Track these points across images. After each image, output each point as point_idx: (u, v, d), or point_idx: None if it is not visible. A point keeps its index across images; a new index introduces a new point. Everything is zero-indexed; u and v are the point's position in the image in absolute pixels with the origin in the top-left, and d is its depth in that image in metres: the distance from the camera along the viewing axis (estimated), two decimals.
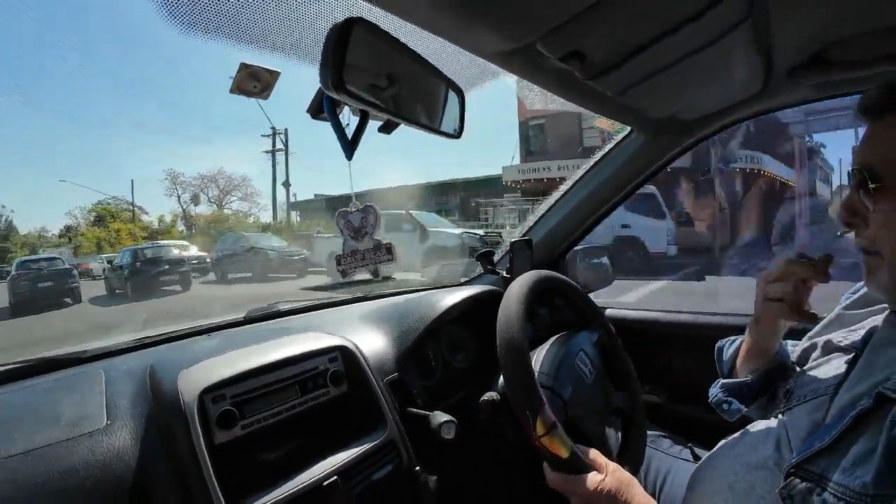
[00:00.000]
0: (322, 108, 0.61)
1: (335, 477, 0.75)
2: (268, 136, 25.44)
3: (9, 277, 11.28)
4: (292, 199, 27.57)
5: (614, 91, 0.82)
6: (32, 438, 0.68)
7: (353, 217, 0.80)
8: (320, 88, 0.61)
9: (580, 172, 1.32)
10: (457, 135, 0.65)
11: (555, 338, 0.94)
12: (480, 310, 1.16)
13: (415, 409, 0.92)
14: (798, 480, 0.53)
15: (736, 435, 0.75)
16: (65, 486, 0.63)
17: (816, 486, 0.51)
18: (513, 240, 1.28)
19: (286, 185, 25.13)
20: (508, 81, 0.80)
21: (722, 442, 0.77)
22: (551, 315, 1.12)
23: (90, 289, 12.58)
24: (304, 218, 26.03)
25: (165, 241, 16.22)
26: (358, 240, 0.82)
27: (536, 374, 0.78)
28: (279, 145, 25.35)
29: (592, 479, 0.67)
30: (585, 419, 0.82)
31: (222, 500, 0.66)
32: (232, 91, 0.61)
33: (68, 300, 10.48)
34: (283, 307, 1.29)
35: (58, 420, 0.72)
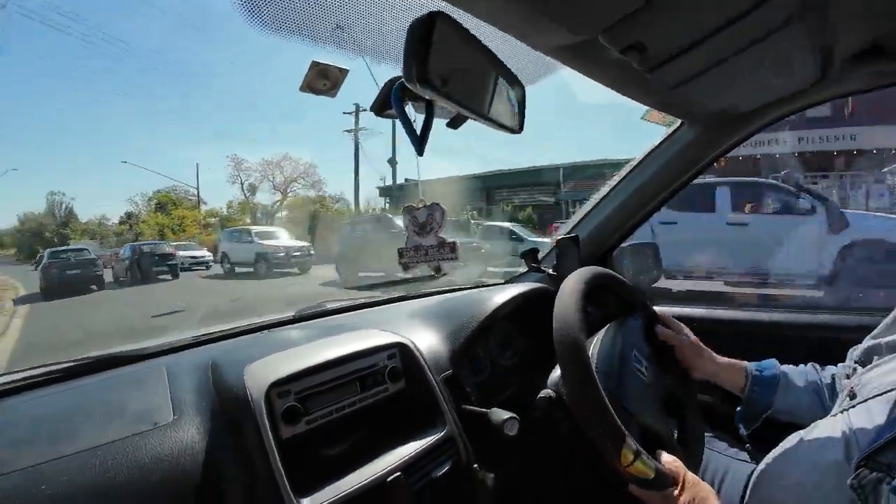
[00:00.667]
0: (387, 104, 0.62)
1: (398, 473, 0.76)
2: (350, 113, 22.26)
3: (40, 266, 12.65)
4: (380, 184, 25.35)
5: (670, 83, 0.81)
6: (101, 433, 0.70)
7: (420, 213, 0.81)
8: (386, 84, 0.63)
9: (627, 167, 1.30)
10: (518, 129, 0.66)
11: (605, 335, 0.92)
12: (529, 307, 1.16)
13: (471, 407, 0.92)
14: (867, 471, 0.55)
15: (799, 433, 0.75)
16: (135, 480, 0.64)
17: (886, 476, 0.53)
18: (559, 237, 1.28)
19: (392, 162, 21.20)
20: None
21: (785, 441, 0.77)
22: (600, 311, 1.10)
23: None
24: (394, 204, 23.35)
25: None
26: (422, 236, 0.83)
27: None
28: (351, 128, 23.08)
29: (673, 492, 0.68)
30: (654, 424, 0.81)
31: (291, 494, 0.67)
32: (302, 89, 0.63)
33: (94, 287, 11.51)
34: (331, 305, 1.32)
35: (125, 415, 0.74)
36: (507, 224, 12.76)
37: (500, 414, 0.86)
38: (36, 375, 0.89)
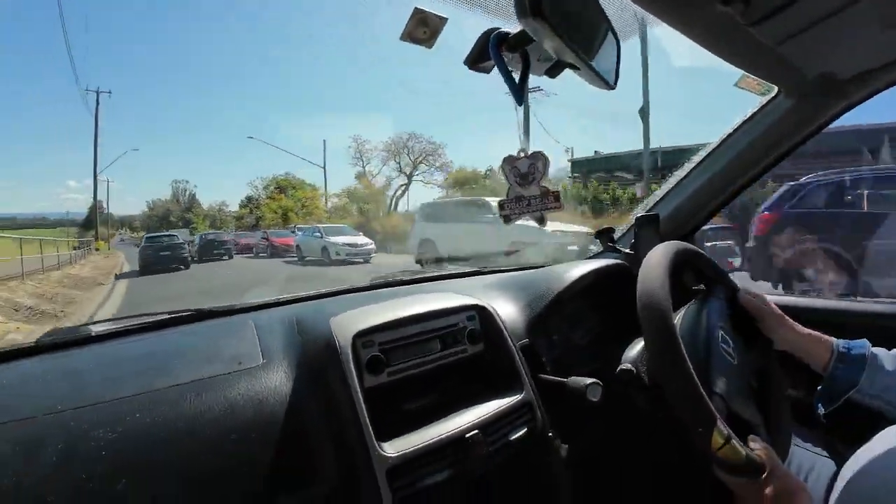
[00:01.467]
0: (482, 57, 0.62)
1: (477, 431, 0.77)
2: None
3: (139, 247, 15.46)
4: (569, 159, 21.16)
5: (773, 40, 0.77)
6: (199, 370, 0.75)
7: (521, 163, 0.82)
8: (482, 36, 0.62)
9: (715, 141, 1.23)
10: (613, 85, 0.64)
11: (687, 313, 0.89)
12: (606, 283, 1.14)
13: (547, 376, 0.92)
14: None
15: (892, 428, 0.70)
16: (226, 414, 0.69)
17: None
18: (638, 214, 1.23)
19: (644, 113, 12.89)
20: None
21: (876, 437, 0.72)
22: (682, 288, 1.05)
23: None
24: (581, 180, 18.88)
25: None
26: (524, 186, 0.84)
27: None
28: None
29: (760, 481, 0.65)
30: (743, 410, 0.78)
31: (375, 440, 0.70)
32: (402, 38, 0.64)
33: (181, 266, 13.65)
34: (404, 277, 1.38)
35: (219, 357, 0.79)
36: None
37: (581, 380, 0.85)
38: (136, 324, 0.98)
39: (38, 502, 0.56)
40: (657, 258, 0.81)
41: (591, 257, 1.41)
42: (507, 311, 1.00)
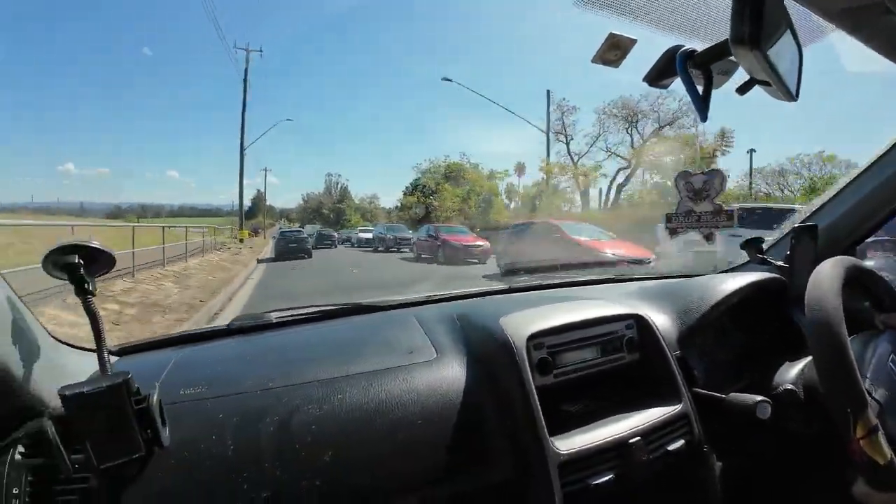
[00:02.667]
0: (663, 74, 0.64)
1: (638, 438, 0.78)
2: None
3: (275, 239, 18.97)
4: None
5: None
6: (381, 359, 0.83)
7: (696, 179, 0.83)
8: (665, 54, 0.64)
9: (883, 148, 1.13)
10: (795, 96, 0.62)
11: (857, 335, 0.84)
12: (758, 298, 1.08)
13: (702, 390, 0.90)
14: None
15: None
16: (411, 400, 0.75)
17: None
18: (795, 225, 1.16)
19: None
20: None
21: None
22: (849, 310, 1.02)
23: None
24: None
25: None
26: (696, 202, 0.86)
27: None
28: None
29: None
30: None
31: (548, 437, 0.74)
32: (594, 61, 0.69)
33: (305, 256, 16.30)
34: (544, 282, 1.40)
35: (393, 349, 0.86)
36: None
37: (747, 397, 0.83)
38: (308, 313, 1.08)
39: (256, 464, 0.66)
40: (829, 271, 0.78)
41: (735, 268, 1.34)
42: (658, 321, 0.98)
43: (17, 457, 0.62)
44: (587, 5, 0.69)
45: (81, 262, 0.61)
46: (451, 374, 0.81)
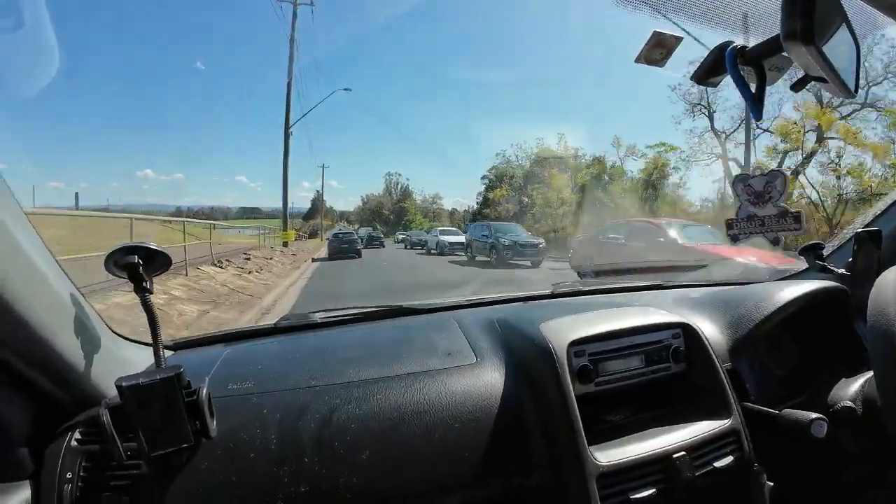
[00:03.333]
0: (712, 72, 0.61)
1: (683, 453, 0.75)
2: None
3: (328, 241, 20.94)
4: None
5: None
6: (421, 361, 0.83)
7: (756, 181, 0.79)
8: (714, 51, 0.61)
9: None
10: (854, 92, 0.59)
11: None
12: (818, 308, 1.01)
13: (753, 405, 0.86)
14: None
15: None
16: (450, 403, 0.75)
17: None
18: (858, 230, 1.09)
19: None
20: None
21: None
22: None
23: None
24: None
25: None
26: (758, 205, 0.81)
27: None
28: None
29: None
30: None
31: (588, 447, 0.72)
32: (637, 60, 0.68)
33: (355, 255, 17.41)
34: (586, 287, 1.38)
35: (432, 352, 0.86)
36: None
37: (801, 414, 0.79)
38: (351, 314, 1.11)
39: (297, 459, 0.68)
40: (894, 282, 0.71)
41: (793, 276, 1.27)
42: (708, 330, 0.94)
43: (74, 443, 0.66)
44: (628, 5, 0.67)
45: (140, 261, 0.65)
46: (489, 378, 0.81)
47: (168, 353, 0.90)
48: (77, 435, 0.67)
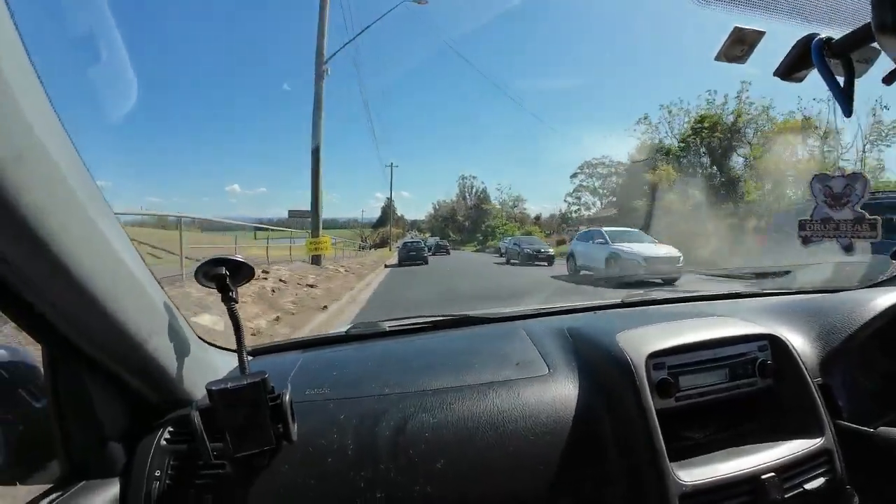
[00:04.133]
0: (796, 67, 0.58)
1: (773, 474, 0.71)
2: None
3: (398, 249, 23.62)
4: None
5: None
6: (489, 372, 0.82)
7: (836, 182, 0.73)
8: (798, 44, 0.58)
9: None
10: None
11: None
12: None
13: (846, 423, 0.81)
14: None
15: None
16: (524, 415, 0.74)
17: None
18: None
19: None
20: None
21: None
22: None
23: None
24: None
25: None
26: (835, 208, 0.76)
27: None
28: None
29: None
30: None
31: (670, 465, 0.69)
32: (717, 58, 0.61)
33: (422, 262, 19.24)
34: (658, 296, 1.32)
35: (503, 362, 0.85)
36: None
37: None
38: (419, 323, 1.12)
39: (373, 466, 0.69)
40: None
41: (885, 282, 1.16)
42: (797, 342, 0.88)
43: (163, 442, 0.71)
44: (708, 3, 0.64)
45: (227, 272, 0.69)
46: (563, 390, 0.79)
47: (248, 358, 0.97)
48: (166, 434, 0.72)
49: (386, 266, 17.46)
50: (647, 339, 0.81)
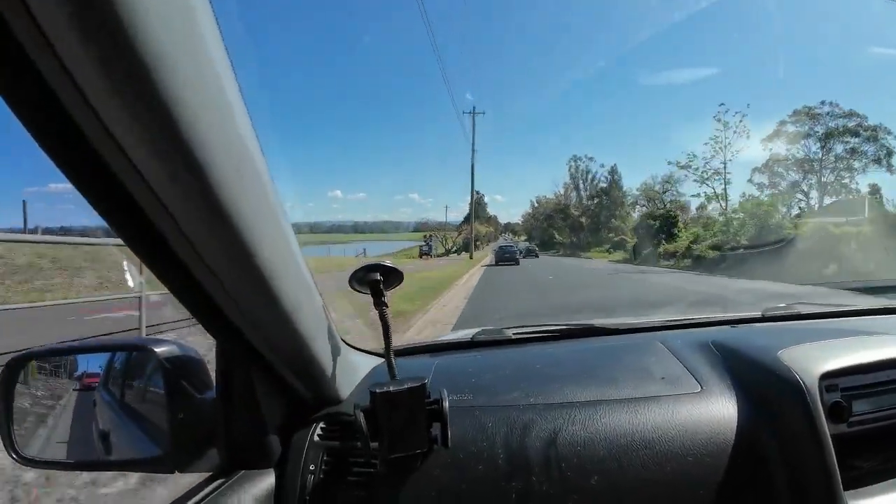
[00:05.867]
0: None
1: None
2: None
3: (494, 251, 28.63)
4: None
5: None
6: (634, 387, 0.77)
7: None
8: None
9: None
10: None
11: None
12: None
13: None
14: None
15: None
16: (680, 433, 0.69)
17: None
18: None
19: None
20: None
21: None
22: None
23: None
24: None
25: None
26: None
27: None
28: None
29: None
30: None
31: (843, 494, 0.63)
32: None
33: (515, 263, 24.40)
34: (804, 310, 1.21)
35: (647, 376, 0.80)
36: None
37: None
38: (544, 332, 1.10)
39: (526, 475, 0.66)
40: None
41: None
42: None
43: (316, 437, 0.73)
44: None
45: (381, 278, 0.70)
46: (719, 410, 0.72)
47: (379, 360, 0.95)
48: (318, 430, 0.74)
49: (482, 266, 20.49)
50: (816, 357, 0.74)
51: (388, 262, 0.70)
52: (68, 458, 0.77)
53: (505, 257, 25.28)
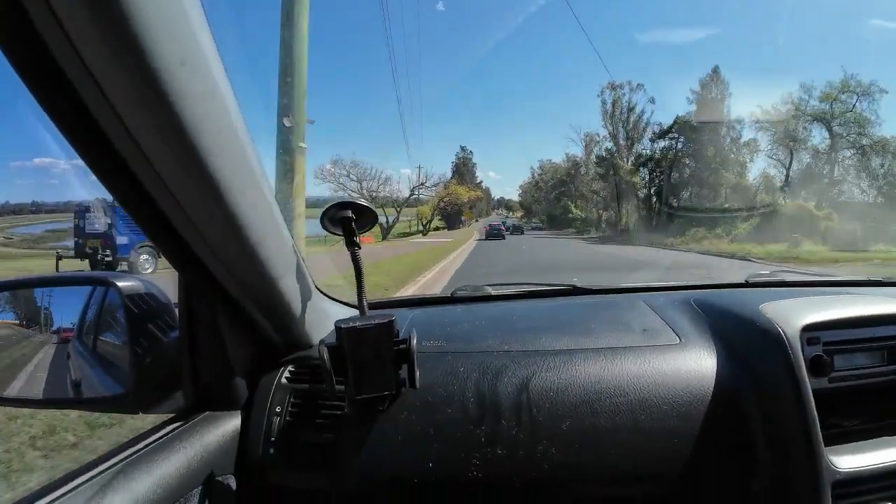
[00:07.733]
0: None
1: None
2: None
3: (484, 228, 31.21)
4: None
5: None
6: (612, 338, 0.77)
7: None
8: None
9: None
10: None
11: None
12: None
13: None
14: None
15: None
16: (656, 382, 0.69)
17: None
18: None
19: None
20: None
21: None
22: None
23: None
24: None
25: None
26: None
27: None
28: None
29: None
30: None
31: (823, 449, 0.62)
32: None
33: (501, 238, 27.77)
34: (789, 278, 1.21)
35: (626, 329, 0.80)
36: None
37: None
38: (523, 290, 1.11)
39: (495, 419, 0.66)
40: None
41: None
42: None
43: (283, 380, 0.72)
44: None
45: (354, 216, 0.67)
46: (698, 362, 0.72)
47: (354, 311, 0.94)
48: (286, 373, 0.73)
49: (476, 239, 23.91)
50: (797, 311, 0.73)
51: (361, 201, 0.68)
52: (37, 397, 0.79)
53: (493, 234, 28.21)
